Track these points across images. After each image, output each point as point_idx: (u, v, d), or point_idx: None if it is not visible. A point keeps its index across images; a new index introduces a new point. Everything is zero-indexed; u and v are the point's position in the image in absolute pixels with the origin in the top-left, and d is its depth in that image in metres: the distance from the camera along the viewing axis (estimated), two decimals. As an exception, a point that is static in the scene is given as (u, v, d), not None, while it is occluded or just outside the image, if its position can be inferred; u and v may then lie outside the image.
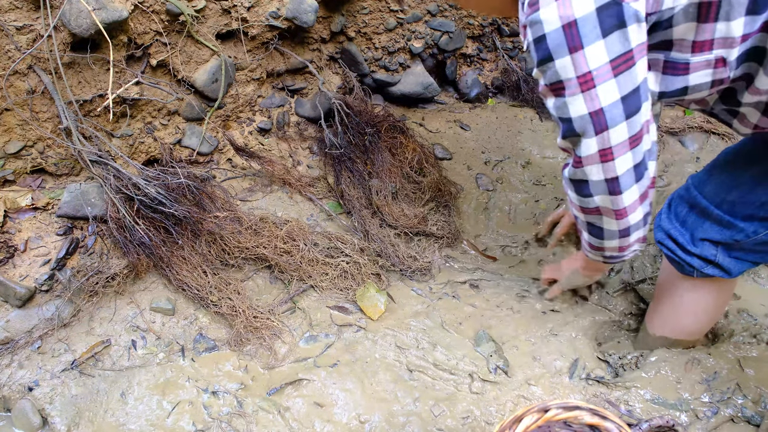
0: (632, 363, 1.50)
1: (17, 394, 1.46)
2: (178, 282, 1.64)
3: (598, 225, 1.16)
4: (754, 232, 1.18)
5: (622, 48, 0.87)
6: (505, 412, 1.41)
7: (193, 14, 1.70)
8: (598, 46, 0.86)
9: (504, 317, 1.65)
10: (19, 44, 1.54)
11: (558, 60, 0.89)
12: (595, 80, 0.89)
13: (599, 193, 1.06)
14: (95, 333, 1.58)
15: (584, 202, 1.12)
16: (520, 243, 1.92)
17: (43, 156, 1.71)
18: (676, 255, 1.31)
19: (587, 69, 0.88)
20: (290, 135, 2.08)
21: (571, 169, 1.06)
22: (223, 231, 1.68)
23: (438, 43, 2.18)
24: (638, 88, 0.92)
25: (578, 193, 1.11)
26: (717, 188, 1.22)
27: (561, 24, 0.86)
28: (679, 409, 1.38)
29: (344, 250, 1.74)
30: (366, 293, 1.67)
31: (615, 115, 0.93)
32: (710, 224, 1.24)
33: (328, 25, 2.00)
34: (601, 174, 1.02)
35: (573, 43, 0.87)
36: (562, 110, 0.96)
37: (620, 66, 0.88)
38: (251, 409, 1.43)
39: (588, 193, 1.08)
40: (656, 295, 1.49)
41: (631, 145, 0.97)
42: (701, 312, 1.40)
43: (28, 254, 1.64)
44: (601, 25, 0.85)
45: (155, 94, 1.79)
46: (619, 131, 0.95)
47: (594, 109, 0.92)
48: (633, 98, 0.92)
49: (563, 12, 0.85)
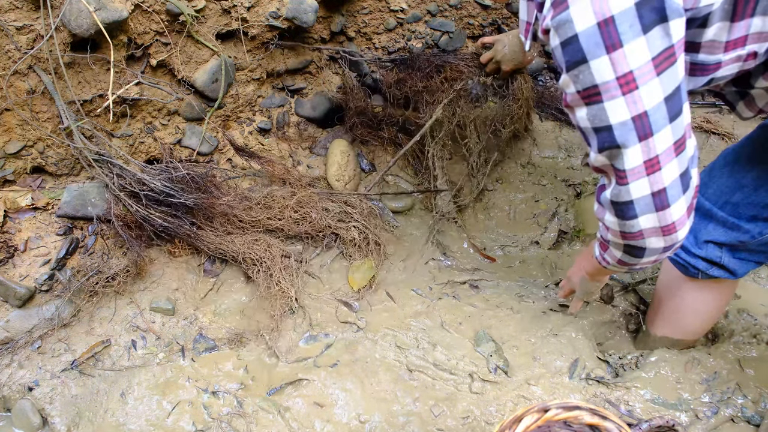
0: (632, 363, 1.51)
1: (17, 394, 1.46)
2: (212, 250, 1.71)
3: (640, 247, 1.01)
4: (760, 233, 1.18)
5: (664, 44, 0.79)
6: (505, 412, 1.41)
7: (193, 14, 1.70)
8: (639, 42, 0.78)
9: (504, 317, 1.65)
10: (19, 44, 1.54)
11: (593, 61, 0.81)
12: (638, 80, 0.81)
13: (645, 212, 0.93)
14: (95, 333, 1.58)
15: (627, 227, 0.97)
16: (520, 243, 1.92)
17: (43, 156, 1.71)
18: (680, 258, 1.31)
19: (628, 69, 0.80)
20: (290, 135, 2.08)
21: (615, 189, 0.93)
22: (235, 210, 1.71)
23: (438, 43, 2.17)
24: (680, 87, 0.84)
25: (621, 217, 0.96)
26: (720, 190, 1.22)
27: (596, 21, 0.78)
28: (679, 409, 1.38)
29: (353, 215, 1.80)
30: (361, 267, 1.74)
31: (659, 118, 0.84)
32: (714, 226, 1.24)
33: (328, 25, 2.00)
34: (647, 188, 0.90)
35: (611, 40, 0.78)
36: (599, 118, 0.86)
37: (663, 63, 0.81)
38: (251, 409, 1.43)
39: (633, 215, 0.94)
40: (657, 296, 1.49)
41: (676, 151, 0.87)
42: (704, 312, 1.40)
43: (28, 254, 1.64)
44: (641, 20, 0.77)
45: (155, 94, 1.79)
46: (663, 136, 0.85)
47: (637, 112, 0.83)
48: (676, 98, 0.84)
49: (598, 8, 0.77)
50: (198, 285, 1.71)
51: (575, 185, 2.09)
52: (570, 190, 2.07)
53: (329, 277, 1.76)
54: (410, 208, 2.00)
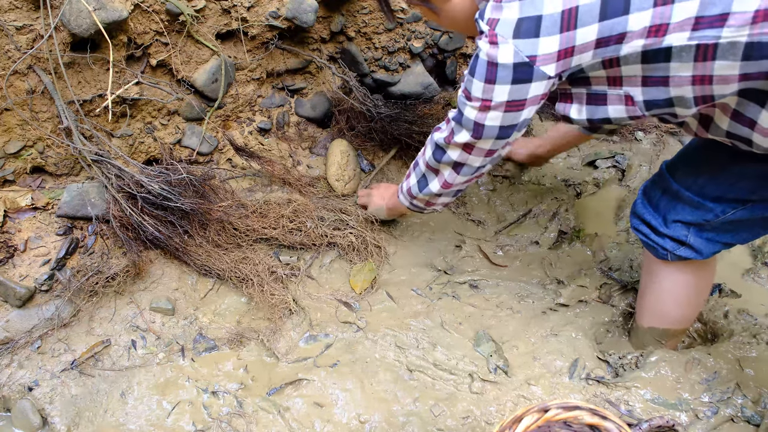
0: (632, 363, 1.51)
1: (17, 394, 1.46)
2: (197, 266, 1.69)
3: (428, 180, 1.47)
4: (722, 211, 1.24)
5: (520, 96, 1.12)
6: (505, 412, 1.41)
7: (193, 14, 1.70)
8: (505, 88, 1.11)
9: (504, 317, 1.65)
10: (19, 44, 1.54)
11: (476, 79, 1.13)
12: (491, 108, 1.16)
13: (447, 165, 1.38)
14: (95, 333, 1.58)
15: (433, 163, 1.41)
16: (520, 243, 1.92)
17: (43, 156, 1.71)
18: (650, 239, 1.37)
19: (490, 98, 1.14)
20: (290, 135, 2.08)
21: (441, 140, 1.34)
22: (231, 217, 1.71)
23: (438, 43, 2.17)
24: (516, 125, 1.20)
25: (434, 156, 1.39)
26: (688, 172, 1.29)
27: (487, 60, 1.09)
28: (679, 409, 1.39)
29: (349, 222, 1.82)
30: (363, 269, 1.75)
31: (490, 133, 1.22)
32: (682, 206, 1.30)
33: (328, 25, 2.00)
34: (456, 157, 1.33)
35: (490, 76, 1.11)
36: (462, 106, 1.23)
37: (512, 108, 1.15)
38: (251, 409, 1.43)
39: (439, 160, 1.38)
40: (640, 287, 1.53)
41: (486, 154, 1.30)
42: (683, 297, 1.44)
43: (28, 254, 1.64)
44: (513, 75, 1.08)
45: (155, 94, 1.79)
46: (485, 142, 1.26)
47: (480, 121, 1.20)
48: (508, 129, 1.21)
49: (491, 53, 1.08)
50: (198, 285, 1.71)
51: (575, 185, 2.09)
52: (570, 190, 2.07)
53: (329, 277, 1.76)
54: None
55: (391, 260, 1.82)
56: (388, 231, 1.90)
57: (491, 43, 1.07)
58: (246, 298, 1.69)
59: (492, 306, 1.68)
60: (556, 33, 1.02)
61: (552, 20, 1.01)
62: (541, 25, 1.02)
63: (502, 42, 1.05)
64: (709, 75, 0.97)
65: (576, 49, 1.03)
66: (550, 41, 1.02)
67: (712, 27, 0.92)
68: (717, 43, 0.93)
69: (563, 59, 1.05)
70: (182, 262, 1.71)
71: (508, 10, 1.05)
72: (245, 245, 1.73)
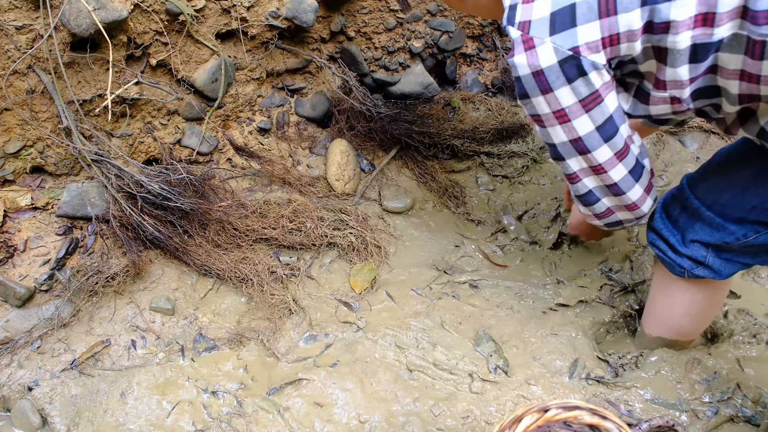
0: (632, 363, 1.51)
1: (17, 394, 1.46)
2: (197, 266, 1.69)
3: (616, 220, 1.24)
4: (744, 235, 1.18)
5: (588, 90, 1.00)
6: (505, 412, 1.41)
7: (192, 14, 1.70)
8: (565, 90, 1.00)
9: (504, 317, 1.65)
10: (19, 44, 1.54)
11: (534, 98, 1.03)
12: (569, 116, 1.03)
13: (605, 195, 1.17)
14: (95, 333, 1.58)
15: (595, 209, 1.21)
16: (520, 243, 1.92)
17: (42, 156, 1.71)
18: (667, 256, 1.31)
19: (560, 107, 1.02)
20: (290, 135, 2.08)
21: (572, 187, 1.18)
22: (230, 217, 1.71)
23: (438, 42, 2.17)
24: (611, 117, 1.04)
25: (586, 204, 1.21)
26: (709, 189, 1.22)
27: (531, 71, 1.00)
28: (679, 409, 1.39)
29: (349, 222, 1.82)
30: (363, 269, 1.74)
31: (594, 141, 1.06)
32: (701, 225, 1.24)
33: (328, 25, 2.00)
34: (599, 182, 1.14)
35: (543, 86, 1.00)
36: (547, 137, 1.10)
37: (590, 104, 1.01)
38: (251, 409, 1.43)
39: (595, 200, 1.19)
40: (650, 296, 1.48)
41: (618, 158, 1.10)
42: (695, 312, 1.40)
43: (28, 254, 1.64)
44: (564, 74, 0.98)
45: (155, 94, 1.79)
46: (602, 152, 1.08)
47: (573, 137, 1.06)
48: (608, 125, 1.05)
49: (531, 61, 0.98)
50: (198, 285, 1.71)
51: (575, 185, 2.09)
52: (570, 190, 2.07)
53: (329, 277, 1.76)
54: (410, 208, 2.00)
55: (391, 260, 1.82)
56: (388, 231, 1.90)
57: (528, 49, 0.98)
58: (246, 298, 1.69)
59: (492, 306, 1.68)
60: (594, 19, 0.94)
61: (587, 6, 0.93)
62: (576, 13, 0.94)
63: (540, 44, 0.97)
64: (757, 74, 0.91)
65: (622, 36, 0.95)
66: (590, 28, 0.94)
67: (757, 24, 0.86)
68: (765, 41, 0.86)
69: (609, 47, 0.97)
70: (182, 262, 1.71)
71: (539, 7, 0.97)
72: (245, 245, 1.73)
